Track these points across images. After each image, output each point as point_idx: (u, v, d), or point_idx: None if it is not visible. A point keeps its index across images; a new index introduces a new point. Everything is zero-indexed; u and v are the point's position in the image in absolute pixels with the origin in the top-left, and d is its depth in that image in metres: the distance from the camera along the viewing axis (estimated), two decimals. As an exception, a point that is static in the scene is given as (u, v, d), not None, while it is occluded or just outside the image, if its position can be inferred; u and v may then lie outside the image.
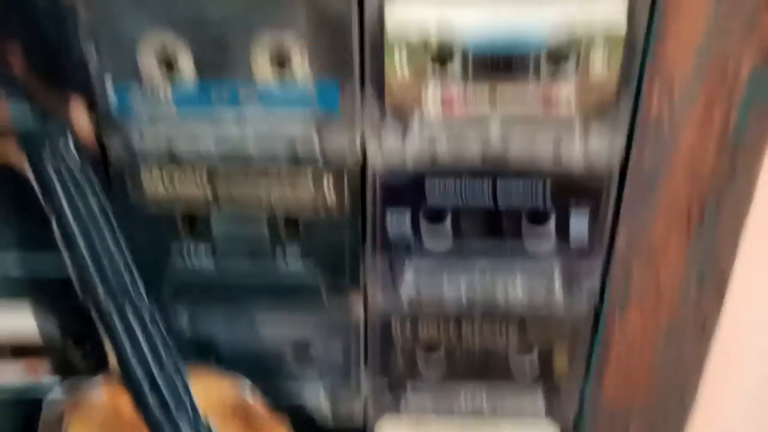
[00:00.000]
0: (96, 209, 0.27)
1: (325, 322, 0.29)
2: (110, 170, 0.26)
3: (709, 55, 0.24)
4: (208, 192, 0.27)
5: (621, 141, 0.25)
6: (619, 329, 0.29)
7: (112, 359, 0.30)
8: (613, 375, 0.30)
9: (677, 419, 0.31)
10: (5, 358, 0.31)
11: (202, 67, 0.24)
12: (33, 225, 0.28)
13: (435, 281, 0.28)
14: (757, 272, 0.28)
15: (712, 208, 0.26)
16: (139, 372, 0.29)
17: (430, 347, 0.30)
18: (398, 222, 0.27)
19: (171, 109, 0.25)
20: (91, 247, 0.28)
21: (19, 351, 0.31)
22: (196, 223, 0.27)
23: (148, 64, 0.24)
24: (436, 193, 0.27)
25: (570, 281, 0.28)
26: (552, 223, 0.27)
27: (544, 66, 0.24)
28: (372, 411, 0.32)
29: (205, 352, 0.31)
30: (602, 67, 0.24)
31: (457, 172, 0.26)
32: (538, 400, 0.31)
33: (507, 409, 0.32)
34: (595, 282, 0.28)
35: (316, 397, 0.32)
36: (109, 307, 0.29)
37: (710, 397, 0.31)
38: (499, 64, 0.24)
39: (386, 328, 0.30)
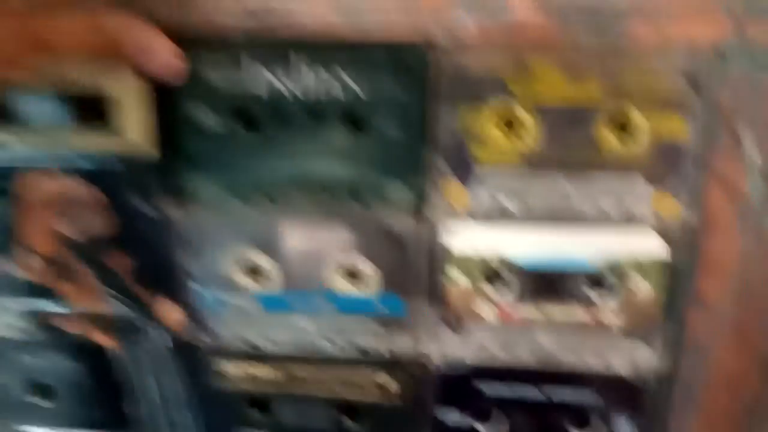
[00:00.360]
0: (177, 394, 0.30)
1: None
2: (194, 357, 0.29)
3: (744, 283, 0.26)
4: (280, 379, 0.29)
5: (663, 354, 0.27)
6: None
7: None
8: None
9: None
10: None
11: (285, 277, 0.28)
12: (114, 402, 0.31)
13: (487, 475, 0.29)
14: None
15: (752, 420, 0.27)
16: None
17: None
18: (453, 416, 0.29)
19: (255, 309, 0.28)
20: (169, 425, 0.30)
21: None
22: (265, 405, 0.30)
23: (237, 272, 0.28)
24: (488, 391, 0.29)
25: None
26: (598, 424, 0.28)
27: (588, 287, 0.27)
28: None
29: None
30: (643, 290, 0.26)
31: (508, 373, 0.28)
32: None
33: None
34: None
35: None
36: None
37: None
38: (546, 283, 0.27)
39: None
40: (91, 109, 0.26)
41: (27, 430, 0.31)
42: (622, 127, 0.25)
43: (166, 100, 0.26)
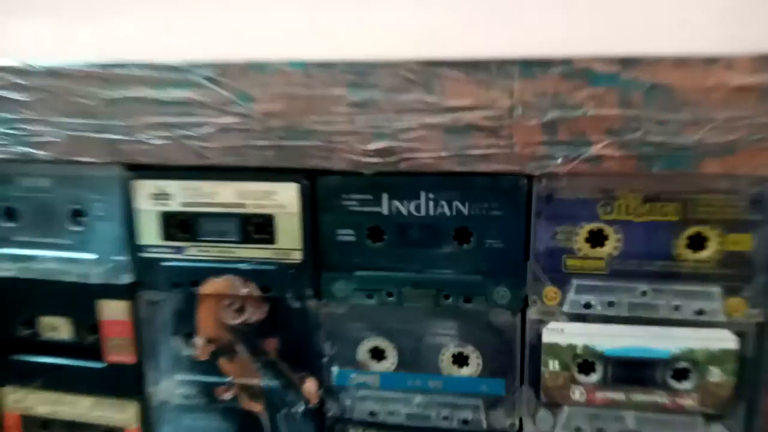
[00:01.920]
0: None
1: None
2: (324, 423, 0.35)
3: None
4: None
5: (741, 435, 0.30)
6: None
7: None
8: None
9: None
10: None
11: (402, 361, 0.33)
12: None
13: None
14: None
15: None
16: None
17: None
18: None
19: (375, 385, 0.34)
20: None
21: None
22: None
23: (363, 356, 0.34)
24: None
25: None
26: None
27: (669, 377, 0.30)
28: None
29: None
30: (719, 378, 0.30)
31: None
32: None
33: None
34: None
35: None
36: None
37: None
38: (632, 373, 0.31)
39: None
40: (256, 226, 0.33)
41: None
42: (697, 241, 0.29)
43: (313, 219, 0.32)
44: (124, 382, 0.37)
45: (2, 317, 0.38)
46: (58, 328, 0.37)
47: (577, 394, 0.32)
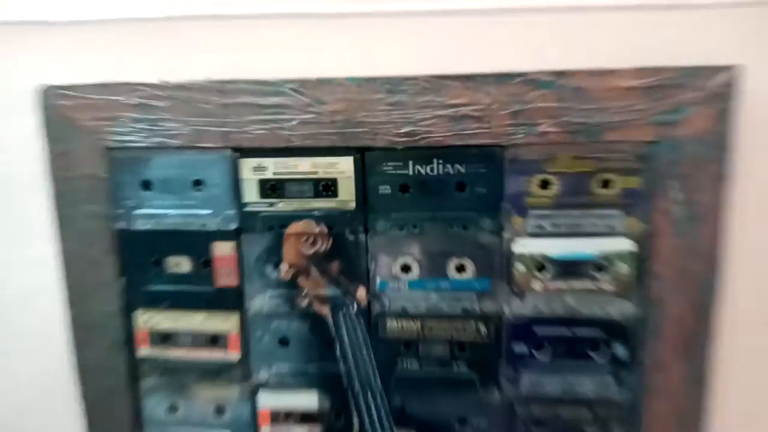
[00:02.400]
0: (361, 339, 0.52)
1: (477, 403, 0.52)
2: (371, 319, 0.52)
3: (677, 264, 0.47)
4: (419, 329, 0.51)
5: (638, 306, 0.48)
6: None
7: (356, 425, 0.54)
8: None
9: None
10: (298, 422, 0.55)
11: (422, 272, 0.50)
12: (323, 343, 0.53)
13: (540, 378, 0.51)
14: None
15: (692, 343, 0.48)
16: (370, 430, 0.53)
17: (539, 422, 0.52)
18: (519, 347, 0.51)
19: (404, 289, 0.51)
20: (354, 359, 0.53)
21: (305, 418, 0.55)
22: (411, 344, 0.52)
23: (396, 270, 0.50)
24: (539, 332, 0.50)
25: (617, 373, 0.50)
26: (604, 349, 0.50)
27: (593, 270, 0.48)
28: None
29: (407, 421, 0.54)
30: (624, 270, 0.48)
31: (550, 321, 0.50)
32: None
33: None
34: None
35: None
36: (359, 393, 0.53)
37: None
38: (569, 269, 0.48)
39: (511, 408, 0.52)
40: (324, 186, 0.49)
41: (277, 368, 0.54)
42: (605, 183, 0.47)
43: (363, 180, 0.49)
44: (229, 300, 0.53)
45: (139, 259, 0.53)
46: (180, 264, 0.53)
47: (536, 285, 0.49)
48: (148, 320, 0.55)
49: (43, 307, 0.55)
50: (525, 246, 0.49)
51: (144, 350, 0.55)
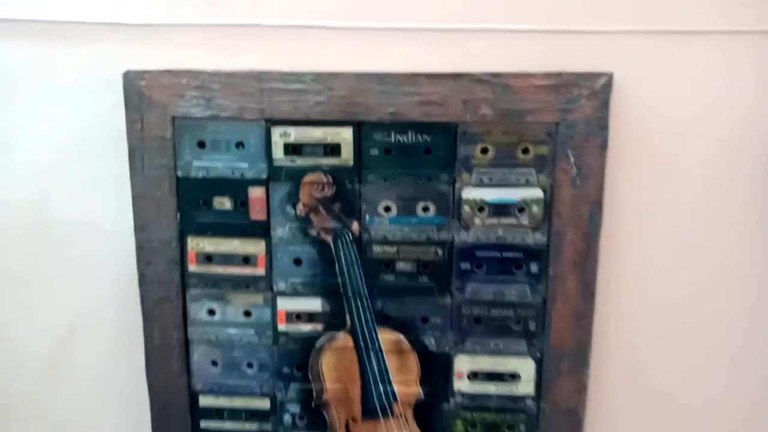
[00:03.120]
0: (354, 260, 0.73)
1: (435, 306, 0.74)
2: (361, 245, 0.73)
3: (575, 205, 0.69)
4: (395, 252, 0.72)
5: (546, 235, 0.70)
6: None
7: (348, 323, 0.74)
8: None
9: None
10: (306, 321, 0.75)
11: (398, 210, 0.71)
12: (326, 262, 0.74)
13: (479, 287, 0.72)
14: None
15: (584, 261, 0.70)
16: (358, 328, 0.74)
17: (478, 319, 0.74)
18: (465, 265, 0.72)
19: (386, 224, 0.71)
20: (348, 274, 0.74)
21: (311, 317, 0.75)
22: (390, 263, 0.73)
23: (381, 210, 0.71)
24: (479, 254, 0.72)
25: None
26: (523, 267, 0.72)
27: (516, 211, 0.70)
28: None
29: (385, 320, 0.75)
30: (536, 211, 0.70)
31: (486, 246, 0.71)
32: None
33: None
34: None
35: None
36: (351, 299, 0.74)
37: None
38: (501, 210, 0.70)
39: (459, 309, 0.74)
40: (331, 148, 0.69)
41: (292, 280, 0.74)
42: (525, 150, 0.69)
43: (359, 144, 0.69)
44: (258, 230, 0.73)
45: (192, 199, 0.73)
46: (223, 203, 0.73)
47: (477, 221, 0.71)
48: (196, 245, 0.74)
49: (119, 233, 0.74)
50: (470, 193, 0.70)
51: (192, 267, 0.75)
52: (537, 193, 0.70)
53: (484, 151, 0.70)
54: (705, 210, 0.72)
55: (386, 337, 0.75)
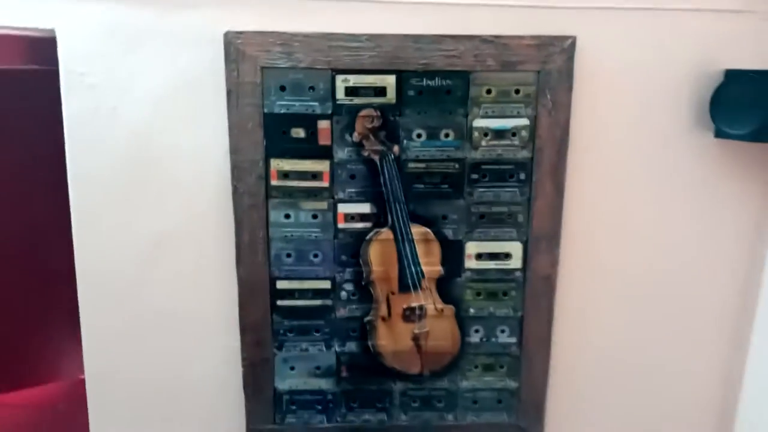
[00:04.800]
0: (394, 174, 1.01)
1: (452, 206, 1.02)
2: (400, 163, 0.99)
3: (555, 144, 0.99)
4: (425, 168, 1.00)
5: (530, 152, 1.00)
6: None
7: (389, 221, 1.03)
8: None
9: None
10: (358, 221, 1.02)
11: (428, 137, 0.98)
12: (373, 176, 1.01)
13: (484, 192, 1.01)
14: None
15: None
16: (396, 225, 1.03)
17: (483, 215, 1.03)
18: (474, 175, 1.01)
19: (419, 147, 0.99)
20: (390, 185, 1.02)
21: (363, 217, 1.02)
22: (420, 176, 1.00)
23: (414, 136, 0.98)
24: (484, 168, 1.00)
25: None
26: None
27: (510, 136, 0.99)
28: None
29: (417, 218, 1.03)
30: (525, 135, 0.99)
31: (490, 161, 1.00)
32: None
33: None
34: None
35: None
36: (392, 203, 1.02)
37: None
38: (499, 134, 0.99)
39: (469, 208, 1.03)
40: (381, 91, 0.96)
41: (348, 190, 1.00)
42: (517, 91, 0.97)
43: (400, 87, 0.96)
44: (325, 152, 0.99)
45: (275, 129, 0.97)
46: (299, 132, 0.98)
47: (483, 143, 0.99)
48: (277, 164, 1.00)
49: (216, 157, 0.99)
50: (478, 123, 0.99)
51: (273, 182, 1.00)
52: (525, 121, 0.99)
53: (489, 91, 0.98)
54: (643, 126, 1.03)
55: (417, 230, 1.04)
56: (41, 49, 1.07)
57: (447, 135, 1.00)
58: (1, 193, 1.08)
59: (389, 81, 0.97)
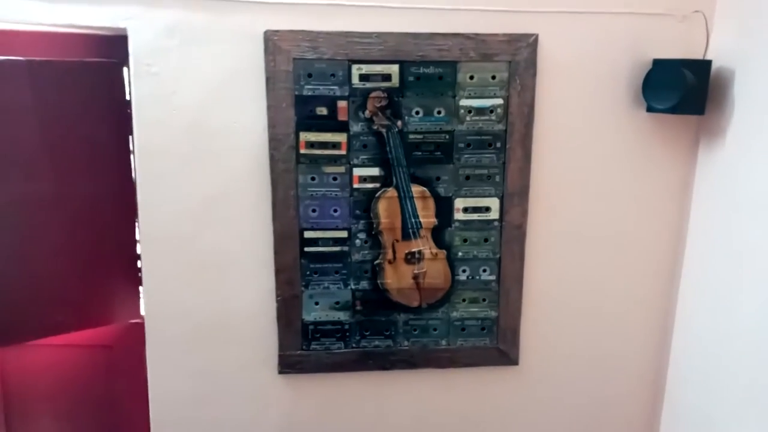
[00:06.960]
0: (398, 143, 1.27)
1: (443, 169, 1.28)
2: (402, 135, 1.25)
3: (530, 125, 1.26)
4: (422, 139, 1.26)
5: (505, 125, 1.26)
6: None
7: (394, 181, 1.29)
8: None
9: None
10: (369, 182, 1.28)
11: (423, 113, 1.24)
12: (381, 145, 1.26)
13: (469, 157, 1.28)
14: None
15: (524, 138, 1.28)
16: (399, 185, 1.29)
17: (468, 177, 1.29)
18: (460, 145, 1.27)
19: (417, 121, 1.25)
20: (395, 152, 1.28)
21: (372, 179, 1.28)
22: (418, 145, 1.26)
23: (412, 113, 1.24)
24: (468, 138, 1.27)
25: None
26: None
27: (489, 112, 1.25)
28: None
29: (416, 180, 1.29)
30: (500, 110, 1.26)
31: (472, 132, 1.26)
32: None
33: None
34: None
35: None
36: (396, 167, 1.29)
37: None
38: (480, 111, 1.25)
39: (457, 171, 1.29)
40: (388, 77, 1.21)
41: (362, 157, 1.25)
42: (493, 77, 1.24)
43: (402, 74, 1.22)
44: (342, 126, 1.26)
45: (304, 108, 1.23)
46: (322, 110, 1.24)
47: (468, 118, 1.26)
48: (305, 137, 1.25)
49: (256, 130, 1.24)
50: (464, 102, 1.25)
51: (302, 150, 1.26)
52: (500, 101, 1.26)
53: (471, 78, 1.25)
54: (592, 104, 1.31)
55: (416, 189, 1.30)
56: (106, 46, 1.30)
57: (439, 112, 1.26)
58: (73, 163, 1.30)
59: (394, 69, 1.23)
